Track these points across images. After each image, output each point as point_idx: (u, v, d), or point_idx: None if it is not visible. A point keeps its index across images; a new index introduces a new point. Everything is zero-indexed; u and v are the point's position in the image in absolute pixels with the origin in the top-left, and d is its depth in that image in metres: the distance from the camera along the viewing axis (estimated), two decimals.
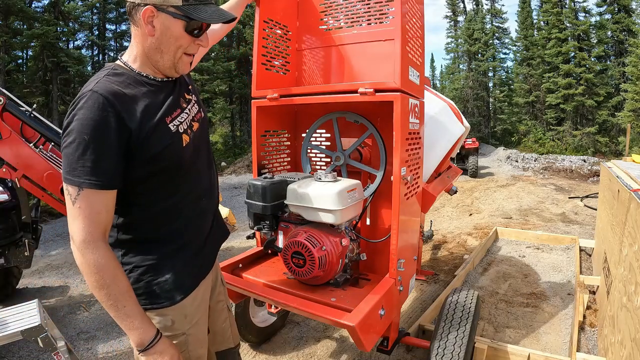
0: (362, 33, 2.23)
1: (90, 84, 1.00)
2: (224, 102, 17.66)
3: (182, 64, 1.11)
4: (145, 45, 1.06)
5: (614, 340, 2.05)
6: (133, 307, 1.01)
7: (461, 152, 11.37)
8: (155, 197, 1.11)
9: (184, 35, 1.05)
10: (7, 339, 1.94)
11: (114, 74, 1.04)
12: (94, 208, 0.97)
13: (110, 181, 0.98)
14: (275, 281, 1.93)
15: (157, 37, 1.04)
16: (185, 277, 1.16)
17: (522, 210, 6.97)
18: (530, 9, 21.01)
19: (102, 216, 0.98)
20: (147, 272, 1.11)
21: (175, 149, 1.09)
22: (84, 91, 0.98)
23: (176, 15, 1.02)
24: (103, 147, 0.96)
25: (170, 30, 1.03)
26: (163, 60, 1.08)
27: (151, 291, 1.11)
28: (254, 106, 2.16)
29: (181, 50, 1.08)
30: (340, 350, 2.58)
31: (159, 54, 1.06)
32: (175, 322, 1.14)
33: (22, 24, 13.22)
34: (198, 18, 1.04)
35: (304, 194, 1.76)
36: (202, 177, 1.24)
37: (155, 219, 1.12)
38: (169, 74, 1.13)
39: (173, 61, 1.09)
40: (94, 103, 0.95)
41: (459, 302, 2.03)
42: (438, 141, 2.65)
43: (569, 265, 3.91)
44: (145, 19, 1.00)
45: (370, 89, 1.72)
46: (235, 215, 5.31)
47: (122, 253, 1.11)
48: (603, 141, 17.42)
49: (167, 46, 1.05)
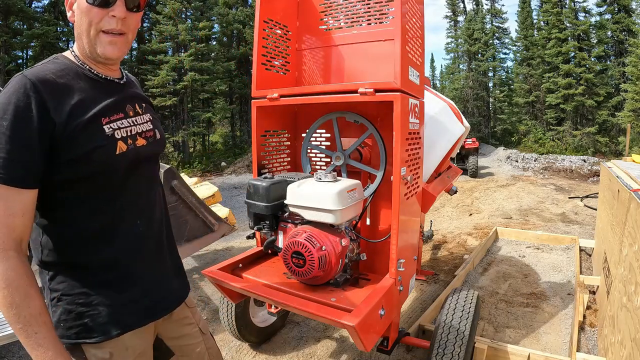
0: (362, 33, 2.23)
1: (26, 69, 0.92)
2: (224, 102, 17.66)
3: (100, 44, 0.98)
4: (75, 34, 1.00)
5: (614, 340, 2.05)
6: (46, 334, 0.85)
7: (461, 152, 11.37)
8: (81, 211, 0.96)
9: (90, 8, 0.95)
10: (7, 339, 1.94)
11: (52, 62, 0.96)
12: (7, 209, 0.84)
13: (28, 178, 0.86)
14: (275, 281, 1.93)
15: (76, 21, 0.98)
16: (125, 314, 1.00)
17: (522, 210, 6.97)
18: (530, 9, 21.02)
19: (16, 220, 0.85)
20: (76, 301, 0.96)
21: (105, 153, 0.96)
22: (15, 76, 0.90)
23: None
24: (22, 137, 0.84)
25: (80, 8, 0.96)
26: (84, 44, 0.99)
27: (82, 324, 0.96)
28: (254, 106, 2.16)
29: (93, 26, 0.96)
30: (340, 350, 2.58)
31: (80, 39, 0.99)
32: (114, 355, 0.98)
33: (22, 24, 13.23)
34: None
35: (304, 194, 1.76)
36: (139, 198, 1.07)
37: (84, 241, 0.97)
38: (97, 59, 1.01)
39: (90, 41, 0.98)
40: (19, 87, 0.86)
41: (459, 302, 2.03)
42: (438, 141, 2.65)
43: (569, 265, 3.91)
44: (68, 5, 0.98)
45: (370, 89, 1.72)
46: (235, 215, 5.31)
47: (49, 277, 0.97)
48: (603, 141, 17.42)
49: (81, 26, 0.97)
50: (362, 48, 2.25)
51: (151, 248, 1.10)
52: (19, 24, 13.21)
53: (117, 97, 1.03)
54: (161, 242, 1.14)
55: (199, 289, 3.64)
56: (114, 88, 1.05)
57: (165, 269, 1.15)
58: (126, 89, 1.09)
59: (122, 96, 1.06)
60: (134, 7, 1.00)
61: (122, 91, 1.07)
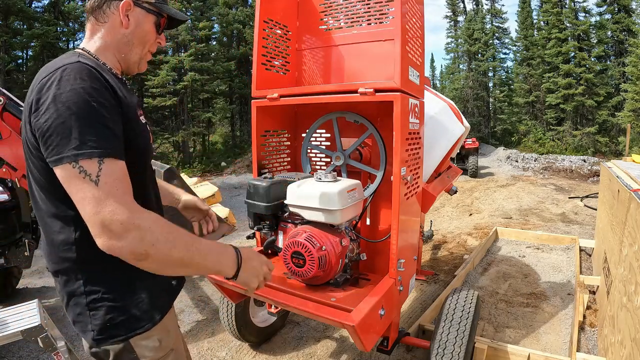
0: (362, 33, 2.23)
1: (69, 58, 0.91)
2: (224, 102, 17.67)
3: (144, 61, 1.11)
4: (116, 37, 1.03)
5: (614, 340, 2.05)
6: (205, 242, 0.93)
7: (461, 152, 11.38)
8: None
9: (152, 31, 1.07)
10: (7, 339, 1.94)
11: (82, 57, 0.96)
12: (121, 178, 0.85)
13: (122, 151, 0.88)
14: (275, 281, 1.93)
15: (131, 31, 1.03)
16: (161, 294, 1.06)
17: (522, 210, 6.97)
18: (530, 9, 21.02)
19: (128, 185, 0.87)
20: (120, 295, 0.96)
21: (146, 140, 1.03)
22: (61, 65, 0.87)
23: (149, 10, 1.05)
24: (109, 113, 0.87)
25: (142, 25, 1.05)
26: (131, 54, 1.06)
27: (130, 316, 0.97)
28: (254, 106, 2.16)
29: (147, 45, 1.09)
30: (340, 350, 2.58)
31: (128, 47, 1.05)
32: (162, 341, 1.04)
33: (22, 24, 13.23)
34: (168, 12, 1.09)
35: (304, 194, 1.76)
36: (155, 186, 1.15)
37: None
38: (131, 70, 1.10)
39: (140, 55, 1.08)
40: (87, 70, 0.87)
41: (459, 302, 2.03)
42: (438, 141, 2.65)
43: (569, 265, 3.91)
44: (124, 11, 1.00)
45: (370, 89, 1.72)
46: (235, 215, 5.30)
47: (85, 279, 0.95)
48: (603, 141, 17.42)
49: (138, 40, 1.05)
50: (362, 48, 2.25)
51: None
52: (19, 24, 13.21)
53: (135, 96, 1.09)
54: None
55: (199, 289, 3.64)
56: (129, 88, 1.10)
57: None
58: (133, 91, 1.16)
59: (136, 97, 1.12)
60: None
61: (132, 92, 1.12)
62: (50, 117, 0.81)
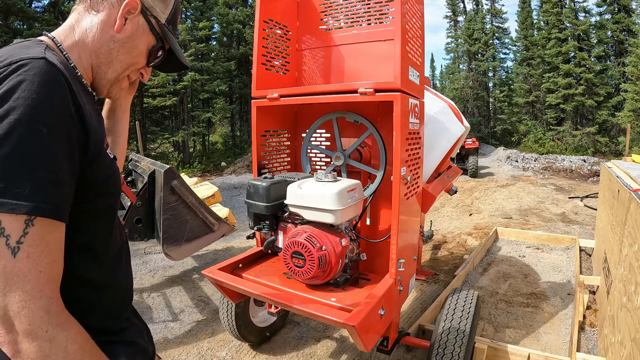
0: (362, 33, 2.23)
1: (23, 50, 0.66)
2: (224, 102, 17.67)
3: (118, 88, 0.87)
4: (100, 38, 0.78)
5: (614, 340, 2.05)
6: None
7: (461, 152, 11.37)
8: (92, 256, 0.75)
9: (144, 55, 0.85)
10: None
11: (50, 52, 0.69)
12: (52, 253, 0.61)
13: (68, 208, 0.64)
14: (275, 281, 1.93)
15: (121, 38, 0.80)
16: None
17: (522, 210, 6.97)
18: (530, 9, 21.01)
19: (59, 268, 0.63)
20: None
21: (116, 182, 0.79)
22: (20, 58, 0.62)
23: (153, 30, 0.84)
24: (65, 150, 0.62)
25: (137, 40, 0.82)
26: (108, 69, 0.81)
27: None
28: (254, 106, 2.16)
29: (131, 69, 0.85)
30: (340, 350, 2.59)
31: (108, 57, 0.80)
32: None
33: (22, 24, 13.23)
34: (171, 44, 0.89)
35: (304, 194, 1.76)
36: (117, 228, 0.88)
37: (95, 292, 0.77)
38: (99, 87, 0.83)
39: (117, 76, 0.83)
40: (52, 79, 0.62)
41: (459, 302, 2.03)
42: (438, 141, 2.65)
43: (569, 265, 3.91)
44: (125, 11, 0.78)
45: (370, 89, 1.72)
46: (235, 215, 5.31)
47: None
48: (603, 141, 17.42)
49: (124, 54, 0.81)
50: (362, 48, 2.25)
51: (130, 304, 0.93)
52: (19, 24, 13.21)
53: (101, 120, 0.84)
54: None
55: (199, 289, 3.64)
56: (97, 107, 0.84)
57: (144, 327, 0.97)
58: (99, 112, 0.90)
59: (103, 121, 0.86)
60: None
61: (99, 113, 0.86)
62: None
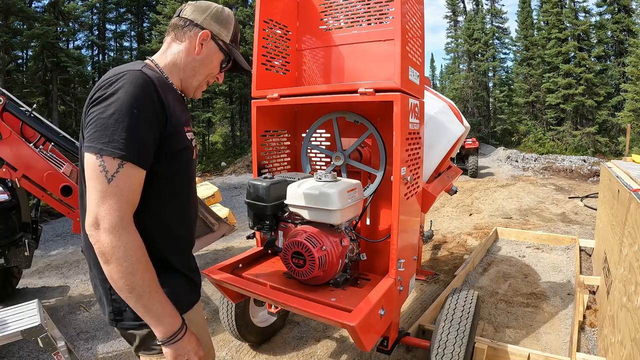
0: (362, 33, 2.23)
1: (134, 66, 1.02)
2: (224, 102, 17.66)
3: (201, 89, 1.22)
4: (186, 60, 1.14)
5: (614, 340, 2.05)
6: (163, 295, 0.98)
7: (461, 152, 11.38)
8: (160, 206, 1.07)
9: (217, 67, 1.20)
10: (7, 339, 1.94)
11: (149, 69, 1.07)
12: (132, 187, 0.93)
13: (149, 161, 0.97)
14: (275, 281, 1.93)
15: (200, 59, 1.15)
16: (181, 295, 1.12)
17: (522, 210, 6.97)
18: (530, 9, 21.02)
19: (136, 197, 0.95)
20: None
21: (188, 155, 1.13)
22: (125, 70, 0.98)
23: (222, 49, 1.17)
24: (148, 125, 0.95)
25: (211, 58, 1.17)
26: (193, 79, 1.17)
27: None
28: (254, 106, 2.16)
29: (209, 77, 1.20)
30: (340, 350, 2.58)
31: (193, 72, 1.16)
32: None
33: (22, 24, 13.22)
34: (236, 57, 1.20)
35: (304, 194, 1.76)
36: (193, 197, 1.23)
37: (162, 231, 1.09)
38: (187, 93, 1.20)
39: (200, 83, 1.19)
40: (144, 82, 0.97)
41: (459, 302, 2.03)
42: (438, 141, 2.65)
43: (569, 265, 3.91)
44: (201, 39, 1.13)
45: (370, 89, 1.72)
46: (235, 215, 5.31)
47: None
48: (603, 141, 17.42)
49: (203, 68, 1.17)
50: (362, 48, 2.24)
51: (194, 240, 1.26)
52: (19, 24, 13.20)
53: (187, 114, 1.20)
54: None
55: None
56: (184, 105, 1.21)
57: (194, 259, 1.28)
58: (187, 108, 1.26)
59: (189, 114, 1.23)
60: None
61: (187, 109, 1.24)
62: (97, 111, 0.92)
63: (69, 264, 4.53)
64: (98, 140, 0.90)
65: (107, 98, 0.92)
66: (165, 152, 1.02)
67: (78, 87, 15.26)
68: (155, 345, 1.08)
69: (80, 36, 19.03)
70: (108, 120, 0.90)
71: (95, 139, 0.91)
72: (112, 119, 0.90)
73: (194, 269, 1.24)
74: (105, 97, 0.93)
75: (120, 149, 0.90)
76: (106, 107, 0.92)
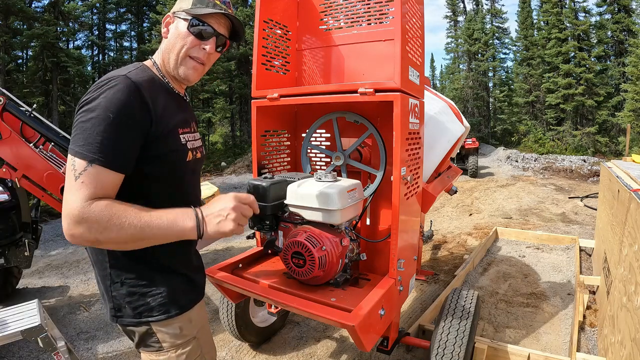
0: (362, 33, 2.23)
1: (121, 71, 1.04)
2: (224, 102, 17.66)
3: (185, 66, 1.15)
4: (163, 48, 1.16)
5: (614, 340, 2.05)
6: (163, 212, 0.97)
7: (461, 152, 11.37)
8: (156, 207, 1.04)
9: (187, 34, 1.12)
10: (7, 339, 1.94)
11: (142, 70, 1.10)
12: (99, 183, 0.94)
13: (123, 164, 0.98)
14: (275, 281, 1.93)
15: (169, 38, 1.15)
16: (180, 295, 1.14)
17: (522, 210, 6.97)
18: (530, 9, 21.02)
19: (105, 193, 0.95)
20: (139, 285, 1.08)
21: (180, 158, 1.13)
22: (114, 75, 1.01)
23: (184, 17, 1.13)
24: (125, 129, 0.97)
25: (178, 30, 1.13)
26: (170, 60, 1.14)
27: (145, 303, 1.08)
28: (254, 106, 2.16)
29: (185, 49, 1.13)
30: (340, 350, 2.58)
31: (167, 54, 1.15)
32: (184, 329, 1.13)
33: (22, 24, 13.22)
34: (195, 13, 1.11)
35: (304, 194, 1.76)
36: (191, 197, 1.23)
37: None
38: (177, 76, 1.17)
39: (176, 60, 1.14)
40: (124, 86, 0.98)
41: (459, 302, 2.03)
42: (438, 141, 2.65)
43: (569, 265, 3.91)
44: (165, 24, 1.16)
45: (370, 89, 1.72)
46: None
47: (111, 264, 1.08)
48: (603, 141, 17.42)
49: (173, 45, 1.13)
50: (362, 48, 2.24)
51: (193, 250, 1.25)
52: (19, 24, 13.20)
53: (186, 114, 1.20)
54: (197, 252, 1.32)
55: None
56: (184, 104, 1.22)
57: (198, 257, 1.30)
58: (189, 107, 1.27)
59: (189, 114, 1.24)
60: (219, 47, 1.20)
61: (187, 108, 1.24)
62: (79, 116, 0.97)
63: (69, 264, 4.53)
64: (75, 143, 0.95)
65: (88, 103, 0.96)
66: (152, 155, 1.04)
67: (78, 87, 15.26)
68: (154, 342, 1.11)
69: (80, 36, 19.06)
70: (86, 124, 0.94)
71: (73, 142, 0.95)
72: (89, 124, 0.94)
73: (197, 268, 1.25)
74: (87, 102, 0.97)
75: (92, 151, 0.93)
76: (86, 112, 0.95)
